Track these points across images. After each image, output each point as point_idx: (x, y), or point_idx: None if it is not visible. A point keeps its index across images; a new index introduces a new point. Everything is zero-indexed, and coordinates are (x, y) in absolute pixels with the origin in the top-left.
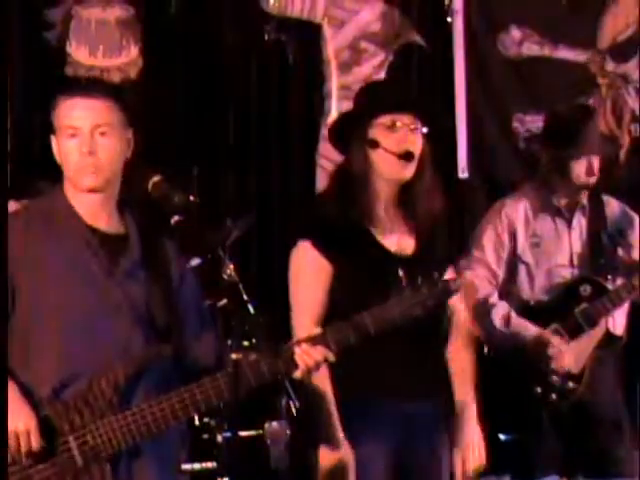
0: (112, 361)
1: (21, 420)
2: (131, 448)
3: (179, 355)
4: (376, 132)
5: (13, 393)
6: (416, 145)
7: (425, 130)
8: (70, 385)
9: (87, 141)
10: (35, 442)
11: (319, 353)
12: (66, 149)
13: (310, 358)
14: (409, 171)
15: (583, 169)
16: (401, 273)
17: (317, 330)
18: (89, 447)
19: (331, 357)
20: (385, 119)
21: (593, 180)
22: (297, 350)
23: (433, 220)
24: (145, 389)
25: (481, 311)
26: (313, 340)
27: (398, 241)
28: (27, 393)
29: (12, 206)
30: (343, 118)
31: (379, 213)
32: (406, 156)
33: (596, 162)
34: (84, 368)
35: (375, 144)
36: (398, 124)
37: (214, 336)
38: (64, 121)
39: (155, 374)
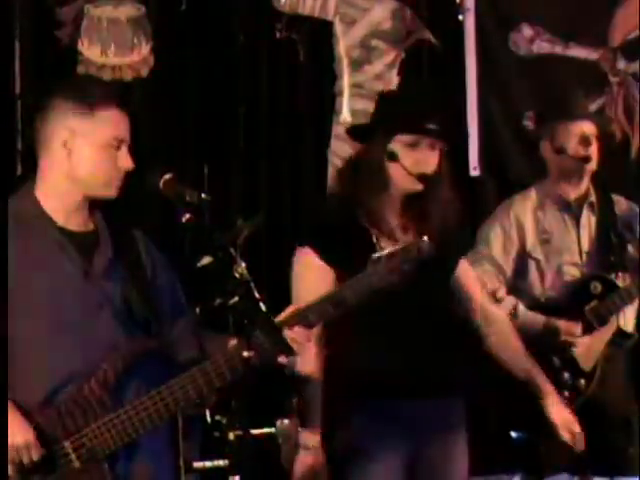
0: (99, 361)
1: (18, 434)
2: (128, 447)
3: (164, 347)
4: (397, 146)
5: (9, 406)
6: (433, 165)
7: (443, 146)
8: (60, 390)
9: (128, 156)
10: (36, 453)
11: (303, 335)
12: (100, 158)
13: (294, 342)
14: (421, 186)
15: (577, 139)
16: (378, 247)
17: (292, 308)
18: (86, 449)
19: (312, 337)
20: (408, 138)
21: (590, 152)
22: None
23: (444, 230)
24: (136, 385)
25: None
26: (294, 319)
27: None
28: (18, 405)
29: None
30: (367, 125)
31: (386, 218)
32: (420, 177)
33: (589, 130)
34: (72, 371)
35: (394, 157)
36: (420, 144)
37: (191, 322)
38: (108, 131)
39: (145, 369)
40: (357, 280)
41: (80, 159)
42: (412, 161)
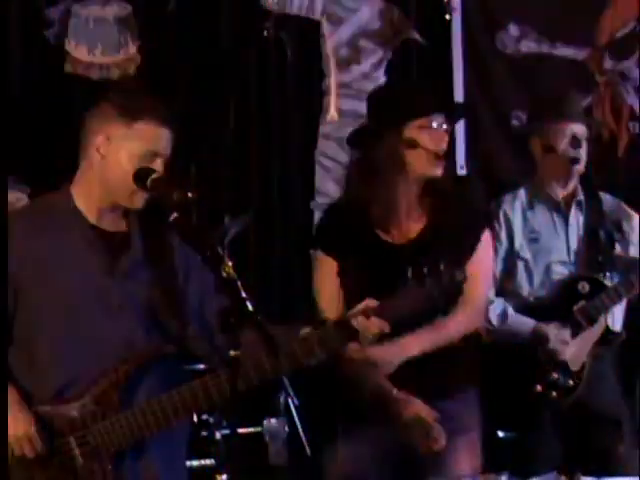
0: (114, 360)
1: (20, 425)
2: (136, 447)
3: (182, 353)
4: (414, 132)
5: (11, 398)
6: (446, 144)
7: (449, 129)
8: (72, 385)
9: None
10: (36, 445)
11: (377, 325)
12: (130, 168)
13: (368, 330)
14: (441, 169)
15: (567, 140)
16: (409, 269)
17: (372, 302)
18: (90, 447)
19: (387, 328)
20: (423, 120)
21: (579, 154)
22: (355, 323)
23: (453, 215)
24: (147, 387)
25: None
26: (368, 312)
27: (412, 236)
28: (26, 396)
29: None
30: (374, 122)
31: (397, 210)
32: (441, 158)
33: (580, 132)
34: (86, 368)
35: (414, 144)
36: (434, 124)
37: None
38: (143, 144)
39: (157, 373)
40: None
41: (111, 165)
42: (431, 140)
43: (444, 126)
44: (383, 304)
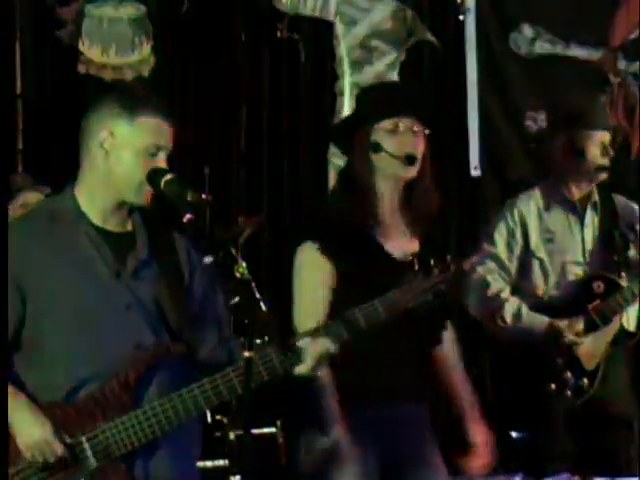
0: (123, 361)
1: (36, 430)
2: (147, 446)
3: (191, 353)
4: (379, 136)
5: (22, 403)
6: (418, 148)
7: (427, 132)
8: (82, 387)
9: (165, 164)
10: (57, 448)
11: (320, 345)
12: (135, 163)
13: (313, 351)
14: (412, 171)
15: (598, 149)
16: (416, 261)
17: (318, 323)
18: (102, 448)
19: (332, 349)
20: (387, 123)
21: (608, 162)
22: (300, 344)
23: (432, 220)
24: (157, 387)
25: (493, 306)
26: (314, 333)
27: (400, 242)
28: (34, 401)
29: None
30: (345, 122)
31: (382, 214)
32: (409, 159)
33: (608, 140)
34: (95, 370)
35: (378, 147)
36: (400, 128)
37: (224, 334)
38: (147, 138)
39: (167, 372)
40: (391, 295)
41: (115, 161)
42: (395, 145)
43: (414, 129)
44: (391, 296)
